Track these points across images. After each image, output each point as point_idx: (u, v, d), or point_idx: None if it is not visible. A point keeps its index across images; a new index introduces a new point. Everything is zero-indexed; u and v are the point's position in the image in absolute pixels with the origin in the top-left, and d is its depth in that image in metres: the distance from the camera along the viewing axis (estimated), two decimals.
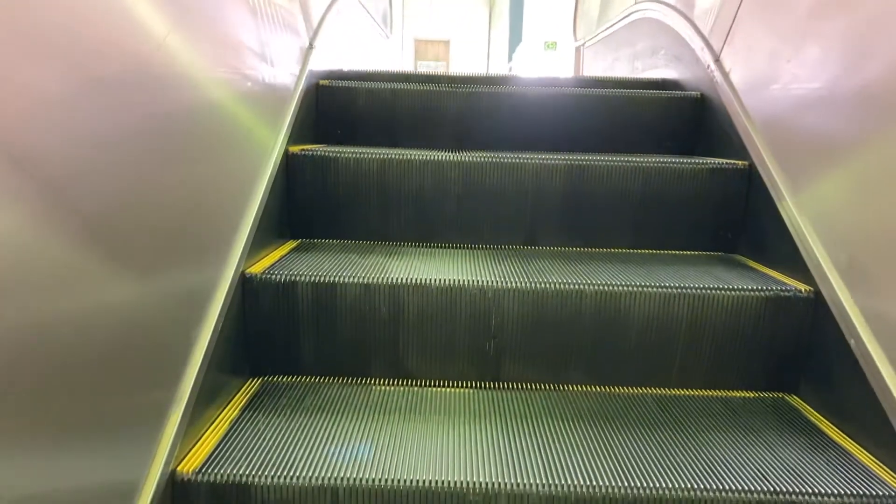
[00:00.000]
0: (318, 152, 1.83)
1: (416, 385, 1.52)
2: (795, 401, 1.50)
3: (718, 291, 1.48)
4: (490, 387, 1.51)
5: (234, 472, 1.12)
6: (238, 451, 1.18)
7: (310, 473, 1.12)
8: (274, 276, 1.47)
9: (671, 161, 1.86)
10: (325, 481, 1.11)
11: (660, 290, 1.49)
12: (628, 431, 1.32)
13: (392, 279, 1.48)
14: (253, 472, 1.12)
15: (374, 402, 1.42)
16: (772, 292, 1.48)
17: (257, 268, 1.49)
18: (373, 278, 1.48)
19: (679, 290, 1.48)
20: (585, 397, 1.48)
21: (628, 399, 1.48)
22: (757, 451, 1.26)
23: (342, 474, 1.12)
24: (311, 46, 2.12)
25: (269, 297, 1.47)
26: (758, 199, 1.75)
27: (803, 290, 1.47)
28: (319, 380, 1.52)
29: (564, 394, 1.49)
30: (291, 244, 1.82)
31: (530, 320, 1.49)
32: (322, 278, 1.48)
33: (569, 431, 1.31)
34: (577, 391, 1.51)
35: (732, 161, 1.85)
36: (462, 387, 1.51)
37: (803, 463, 1.22)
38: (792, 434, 1.34)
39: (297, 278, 1.47)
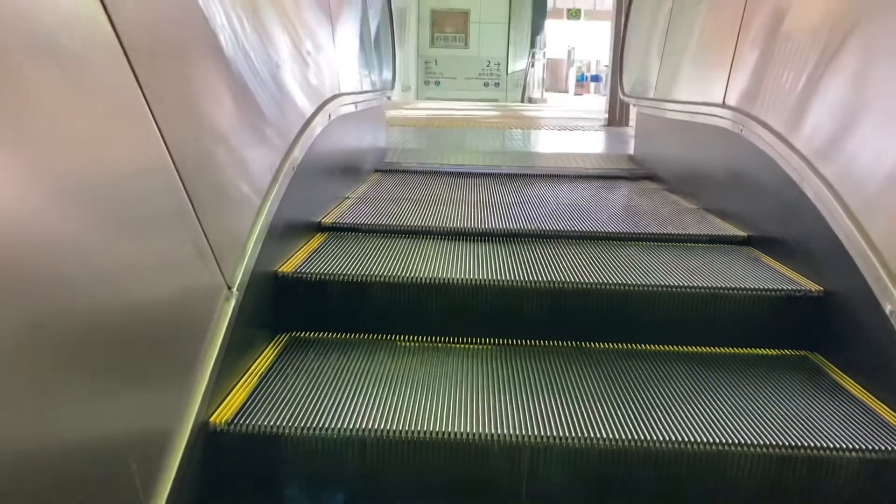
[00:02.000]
0: None
1: (440, 342, 1.53)
2: (818, 358, 1.49)
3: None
4: (513, 344, 1.53)
5: (265, 423, 1.15)
6: (268, 403, 1.21)
7: (338, 425, 1.15)
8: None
9: None
10: (354, 433, 1.14)
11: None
12: (650, 386, 1.33)
13: None
14: (283, 424, 1.15)
15: (400, 358, 1.44)
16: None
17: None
18: None
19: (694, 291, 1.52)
20: (607, 354, 1.49)
21: (650, 356, 1.49)
22: (779, 406, 1.27)
23: (370, 426, 1.15)
24: (229, 290, 1.19)
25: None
26: None
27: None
28: (346, 336, 1.55)
29: (586, 351, 1.51)
30: None
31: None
32: None
33: (591, 386, 1.33)
34: (598, 348, 1.52)
35: None
36: (485, 344, 1.53)
37: (825, 418, 1.22)
38: (814, 390, 1.34)
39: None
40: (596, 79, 22.37)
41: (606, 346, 1.54)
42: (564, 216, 2.19)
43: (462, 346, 1.53)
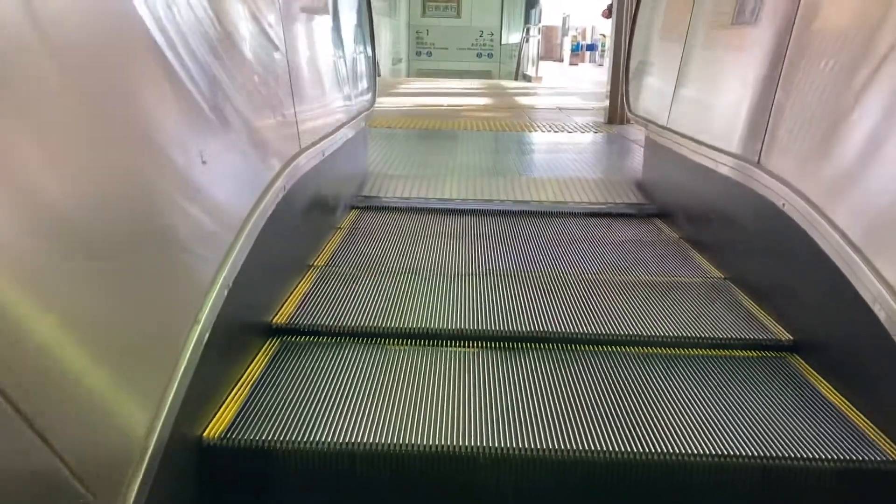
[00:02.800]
0: None
1: (430, 345, 1.56)
2: (797, 360, 1.54)
3: None
4: (502, 347, 1.56)
5: (258, 437, 1.18)
6: (260, 416, 1.24)
7: (329, 439, 1.18)
8: None
9: None
10: (344, 447, 1.17)
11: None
12: (633, 391, 1.37)
13: None
14: (275, 438, 1.18)
15: (390, 361, 1.47)
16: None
17: None
18: None
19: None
20: (595, 356, 1.52)
21: (634, 357, 1.53)
22: (758, 412, 1.31)
23: (359, 440, 1.18)
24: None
25: None
26: None
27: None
28: (337, 339, 1.57)
29: (575, 352, 1.54)
30: None
31: None
32: None
33: (579, 391, 1.36)
34: (586, 350, 1.56)
35: None
36: (475, 346, 1.56)
37: (802, 426, 1.26)
38: (792, 396, 1.38)
39: None
40: (591, 48, 22.11)
41: (594, 348, 1.57)
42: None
43: (452, 348, 1.55)
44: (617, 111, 5.35)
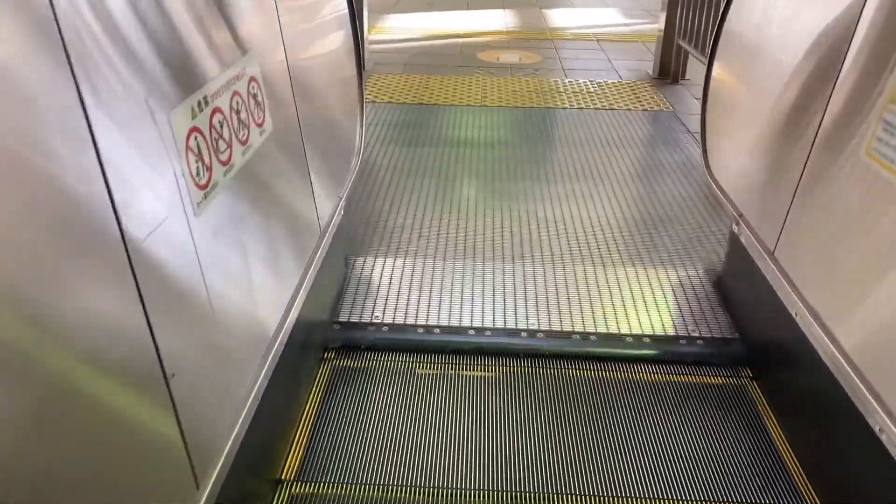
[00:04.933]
0: None
1: (456, 367, 1.85)
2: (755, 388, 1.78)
3: None
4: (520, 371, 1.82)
5: (320, 479, 1.49)
6: (320, 462, 1.54)
7: (374, 480, 1.50)
8: None
9: None
10: (384, 489, 1.47)
11: None
12: (619, 422, 1.62)
13: None
14: (334, 480, 1.50)
15: (421, 387, 1.76)
16: None
17: None
18: None
19: None
20: (608, 383, 1.78)
21: (624, 384, 1.78)
22: (714, 451, 1.55)
23: (398, 482, 1.48)
24: None
25: None
26: None
27: None
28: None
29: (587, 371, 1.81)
30: None
31: None
32: None
33: (588, 427, 1.62)
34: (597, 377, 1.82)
35: None
36: (495, 371, 1.83)
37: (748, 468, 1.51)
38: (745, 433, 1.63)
39: None
40: None
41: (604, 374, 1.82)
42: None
43: (480, 372, 1.83)
44: (670, 62, 4.66)
